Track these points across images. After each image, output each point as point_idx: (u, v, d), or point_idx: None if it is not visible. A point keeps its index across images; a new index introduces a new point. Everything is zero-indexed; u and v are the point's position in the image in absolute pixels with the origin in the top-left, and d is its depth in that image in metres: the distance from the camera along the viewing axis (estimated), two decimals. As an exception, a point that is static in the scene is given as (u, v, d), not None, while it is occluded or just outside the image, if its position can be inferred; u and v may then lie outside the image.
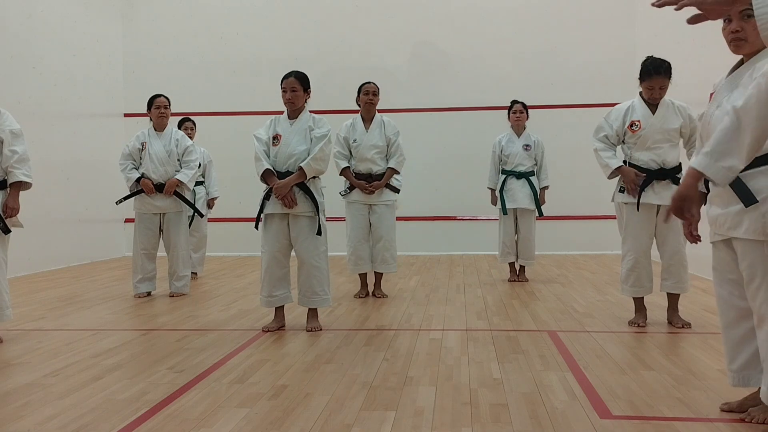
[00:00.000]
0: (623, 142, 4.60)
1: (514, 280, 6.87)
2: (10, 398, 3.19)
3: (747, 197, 2.54)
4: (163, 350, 4.11)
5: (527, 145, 6.78)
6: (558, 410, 2.91)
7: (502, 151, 6.83)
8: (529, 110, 6.98)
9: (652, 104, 4.47)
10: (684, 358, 3.77)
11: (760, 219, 2.52)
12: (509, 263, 6.97)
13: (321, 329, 4.62)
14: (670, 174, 4.45)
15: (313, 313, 4.70)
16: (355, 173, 5.88)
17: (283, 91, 4.57)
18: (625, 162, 4.56)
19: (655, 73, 4.35)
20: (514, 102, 6.93)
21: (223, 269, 8.21)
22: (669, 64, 4.41)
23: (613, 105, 4.73)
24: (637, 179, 4.43)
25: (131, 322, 5.02)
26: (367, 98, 5.88)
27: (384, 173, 5.86)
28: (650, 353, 3.88)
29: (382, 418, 2.83)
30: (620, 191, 4.57)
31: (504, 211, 6.75)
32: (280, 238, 4.60)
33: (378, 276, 6.04)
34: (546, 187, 6.87)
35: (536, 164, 6.84)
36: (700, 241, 2.77)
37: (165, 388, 3.29)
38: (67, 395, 3.21)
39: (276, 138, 4.58)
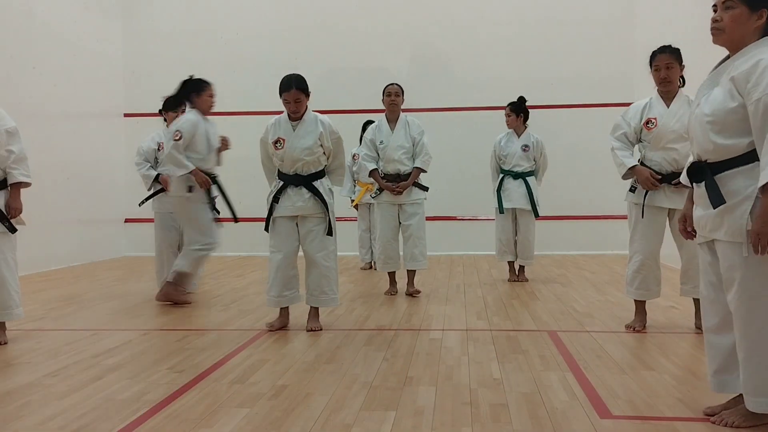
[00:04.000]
0: (640, 140, 4.40)
1: (514, 280, 6.87)
2: (10, 398, 3.19)
3: (716, 198, 2.57)
4: (163, 350, 4.11)
5: (526, 146, 6.74)
6: (558, 410, 2.91)
7: (501, 150, 6.82)
8: (529, 110, 6.93)
9: (669, 99, 4.28)
10: (684, 358, 3.77)
11: (738, 220, 2.53)
12: (508, 263, 6.97)
13: (321, 329, 4.62)
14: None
15: (315, 312, 4.70)
16: (383, 174, 5.95)
17: (286, 103, 4.53)
18: (640, 162, 4.36)
19: (659, 52, 4.22)
20: (508, 104, 6.92)
21: (223, 269, 8.21)
22: (677, 49, 4.26)
23: (612, 105, 4.71)
24: (651, 178, 4.24)
25: (131, 322, 5.02)
26: (390, 99, 5.95)
27: (411, 173, 5.91)
28: (650, 353, 3.88)
29: (382, 418, 2.83)
30: (630, 190, 4.41)
31: (501, 210, 6.75)
32: (291, 239, 4.61)
33: (410, 274, 6.09)
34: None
35: (535, 164, 6.82)
36: (694, 237, 2.82)
37: (165, 388, 3.29)
38: (67, 395, 3.21)
39: (279, 142, 4.56)
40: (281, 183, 4.61)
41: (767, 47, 2.56)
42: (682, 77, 4.35)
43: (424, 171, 5.98)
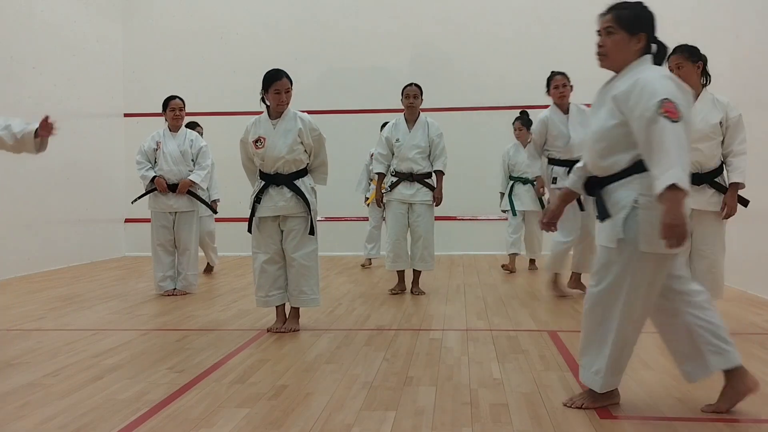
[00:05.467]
0: None
1: (507, 270, 7.54)
2: (10, 398, 3.19)
3: (602, 213, 2.77)
4: (163, 350, 4.11)
5: None
6: (558, 410, 2.91)
7: (510, 159, 7.58)
8: (529, 110, 7.14)
9: (695, 99, 4.02)
10: (684, 358, 3.76)
11: (614, 227, 2.69)
12: (513, 254, 7.56)
13: (298, 330, 4.60)
14: (706, 179, 4.14)
15: (295, 312, 4.68)
16: (396, 172, 6.03)
17: (277, 93, 4.44)
18: None
19: (671, 53, 3.93)
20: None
21: (224, 269, 8.21)
22: (695, 48, 4.07)
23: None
24: None
25: (131, 322, 5.02)
26: (408, 101, 6.03)
27: (424, 173, 5.97)
28: (650, 353, 3.88)
29: (382, 418, 2.83)
30: None
31: (513, 212, 7.46)
32: (275, 240, 4.60)
33: (416, 273, 6.16)
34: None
35: None
36: (550, 230, 3.10)
37: (165, 388, 3.29)
38: (67, 395, 3.21)
39: (259, 141, 4.51)
40: (263, 183, 4.58)
41: (644, 67, 2.71)
42: (707, 74, 4.17)
43: (444, 173, 6.07)
